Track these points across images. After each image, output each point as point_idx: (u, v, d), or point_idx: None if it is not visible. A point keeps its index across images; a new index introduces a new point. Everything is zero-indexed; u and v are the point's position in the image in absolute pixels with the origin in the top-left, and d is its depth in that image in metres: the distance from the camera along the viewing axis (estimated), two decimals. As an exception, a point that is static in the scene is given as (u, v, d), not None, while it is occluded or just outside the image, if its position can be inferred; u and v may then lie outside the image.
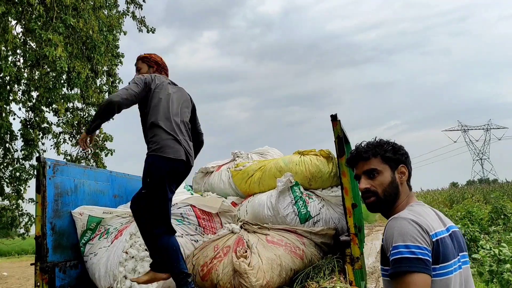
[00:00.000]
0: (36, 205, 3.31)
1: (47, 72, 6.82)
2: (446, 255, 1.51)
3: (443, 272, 1.49)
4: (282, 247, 3.17)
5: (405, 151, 1.78)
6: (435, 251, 1.49)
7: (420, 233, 1.49)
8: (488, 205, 14.03)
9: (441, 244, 1.50)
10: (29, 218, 7.68)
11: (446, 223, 1.64)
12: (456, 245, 1.59)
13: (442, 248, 1.50)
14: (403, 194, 1.71)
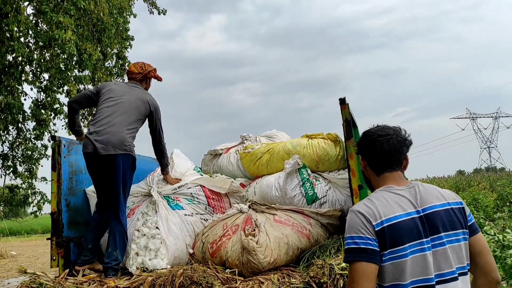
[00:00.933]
0: (51, 182, 3.42)
1: (57, 54, 6.88)
2: (397, 240, 1.55)
3: (394, 256, 1.55)
4: (289, 227, 3.26)
5: (364, 140, 1.83)
6: (381, 238, 1.55)
7: (364, 223, 1.58)
8: (494, 193, 14.04)
9: (389, 231, 1.56)
10: (42, 196, 7.83)
11: (422, 205, 1.64)
12: (427, 227, 1.60)
13: (389, 234, 1.55)
14: (374, 181, 1.80)
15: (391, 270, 1.56)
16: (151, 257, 3.22)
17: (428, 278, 1.56)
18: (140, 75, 3.78)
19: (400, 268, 1.55)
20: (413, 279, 1.56)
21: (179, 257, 3.34)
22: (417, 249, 1.57)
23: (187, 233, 3.48)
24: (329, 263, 2.53)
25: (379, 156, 1.80)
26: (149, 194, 3.67)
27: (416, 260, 1.56)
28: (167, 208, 3.53)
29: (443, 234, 1.62)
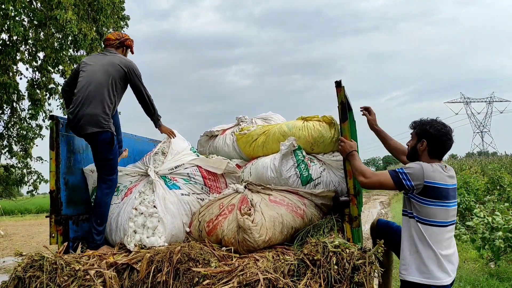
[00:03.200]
0: (50, 161, 3.46)
1: (52, 33, 6.84)
2: (437, 196, 2.72)
3: (437, 203, 2.72)
4: (284, 207, 3.33)
5: (441, 134, 2.87)
6: (424, 190, 2.70)
7: (420, 173, 2.72)
8: (485, 177, 14.24)
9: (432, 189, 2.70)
10: (38, 176, 7.87)
11: (452, 181, 2.85)
12: (454, 194, 2.84)
13: (432, 191, 2.69)
14: (424, 159, 2.90)
15: (436, 212, 2.67)
16: (148, 235, 3.29)
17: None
18: (117, 41, 3.84)
19: (441, 211, 2.67)
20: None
21: (176, 235, 3.41)
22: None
23: (184, 212, 3.55)
24: (322, 241, 2.61)
25: (444, 151, 2.91)
26: (146, 174, 3.72)
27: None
28: (164, 187, 3.59)
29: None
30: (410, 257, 2.70)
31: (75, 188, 3.65)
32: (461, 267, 6.04)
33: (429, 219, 2.68)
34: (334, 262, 2.43)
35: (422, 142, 2.87)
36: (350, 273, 2.41)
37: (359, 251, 2.51)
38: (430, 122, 2.90)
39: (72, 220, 3.50)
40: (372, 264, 2.45)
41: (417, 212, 2.71)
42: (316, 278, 2.41)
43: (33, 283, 2.66)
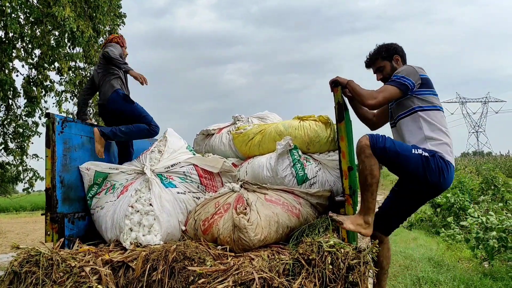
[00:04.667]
0: (46, 159, 3.46)
1: (49, 30, 6.82)
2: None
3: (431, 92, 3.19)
4: (279, 206, 3.35)
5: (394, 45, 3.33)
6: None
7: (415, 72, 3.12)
8: (480, 176, 14.32)
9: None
10: (34, 173, 7.86)
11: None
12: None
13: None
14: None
15: (433, 99, 3.09)
16: (144, 233, 3.30)
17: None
18: (107, 41, 4.61)
19: (436, 99, 3.12)
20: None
21: (172, 234, 3.42)
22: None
23: (180, 211, 3.56)
24: (317, 240, 2.62)
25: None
26: (142, 172, 3.73)
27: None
28: (160, 185, 3.60)
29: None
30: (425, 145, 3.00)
31: (71, 186, 3.65)
32: (455, 267, 6.08)
33: (429, 105, 3.07)
34: (329, 261, 2.44)
35: (395, 59, 3.31)
36: (344, 272, 2.43)
37: (354, 251, 2.52)
38: (382, 44, 3.39)
39: (68, 218, 3.51)
40: (366, 264, 2.46)
41: (421, 103, 3.08)
42: (311, 278, 2.42)
43: (29, 278, 2.67)
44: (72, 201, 3.66)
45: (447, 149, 3.00)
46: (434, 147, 2.98)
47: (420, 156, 2.91)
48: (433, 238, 8.53)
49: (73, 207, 3.66)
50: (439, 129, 3.03)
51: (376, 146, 2.91)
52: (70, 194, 3.64)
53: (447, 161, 2.95)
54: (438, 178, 2.91)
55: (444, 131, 3.04)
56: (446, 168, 2.93)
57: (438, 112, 3.10)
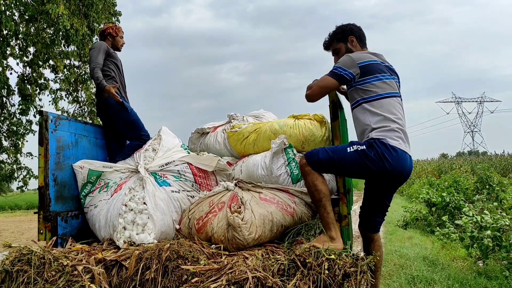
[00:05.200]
0: (39, 157, 3.43)
1: (43, 28, 6.78)
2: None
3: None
4: (274, 205, 3.33)
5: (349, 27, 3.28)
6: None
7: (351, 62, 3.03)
8: (475, 176, 14.37)
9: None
10: (28, 171, 7.81)
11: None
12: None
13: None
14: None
15: (377, 85, 2.97)
16: (138, 232, 3.28)
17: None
18: (100, 36, 4.68)
19: (380, 84, 2.99)
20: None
21: (165, 232, 3.41)
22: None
23: (174, 209, 3.54)
24: (314, 245, 2.61)
25: (365, 39, 3.33)
26: (137, 171, 3.71)
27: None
28: (154, 184, 3.58)
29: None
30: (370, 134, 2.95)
31: (64, 184, 3.63)
32: (450, 266, 6.10)
33: (372, 95, 2.98)
34: (326, 267, 2.42)
35: (350, 40, 3.25)
36: (340, 279, 2.40)
37: (352, 259, 2.49)
38: (338, 25, 3.34)
39: (61, 217, 3.48)
40: (364, 273, 2.44)
41: (364, 94, 3.00)
42: (305, 280, 2.40)
43: (21, 277, 2.64)
44: (65, 199, 3.64)
45: (392, 134, 2.89)
46: (377, 133, 2.90)
47: (356, 152, 2.87)
48: (428, 237, 8.55)
49: (66, 206, 3.63)
50: (385, 117, 2.93)
51: (311, 162, 2.93)
52: (63, 192, 3.62)
53: (390, 145, 2.84)
54: (381, 164, 2.81)
55: (392, 118, 2.93)
56: (389, 152, 2.82)
57: (384, 100, 2.97)
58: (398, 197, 18.31)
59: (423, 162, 30.36)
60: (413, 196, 15.16)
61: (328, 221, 2.87)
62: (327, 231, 2.86)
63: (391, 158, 2.81)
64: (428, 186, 13.31)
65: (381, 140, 2.86)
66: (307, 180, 2.97)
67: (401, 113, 3.01)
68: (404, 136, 2.96)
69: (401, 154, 2.86)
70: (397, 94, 3.07)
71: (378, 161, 2.81)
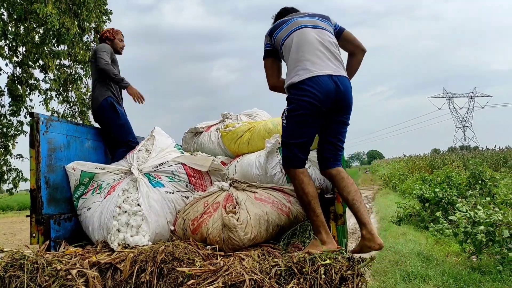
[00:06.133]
0: (30, 159, 3.38)
1: (33, 28, 6.68)
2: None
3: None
4: (269, 204, 3.32)
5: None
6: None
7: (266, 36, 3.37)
8: (467, 171, 14.46)
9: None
10: (17, 173, 7.70)
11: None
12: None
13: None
14: None
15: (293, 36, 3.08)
16: (132, 234, 3.25)
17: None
18: (98, 40, 4.75)
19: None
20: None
21: (160, 234, 3.38)
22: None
23: (168, 210, 3.51)
24: (308, 251, 2.58)
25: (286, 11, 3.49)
26: (130, 172, 3.67)
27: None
28: (148, 185, 3.54)
29: None
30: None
31: (56, 186, 3.58)
32: (444, 261, 6.13)
33: (283, 38, 3.10)
34: (322, 272, 2.39)
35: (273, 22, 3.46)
36: (337, 283, 2.38)
37: (347, 261, 2.46)
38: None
39: (54, 220, 3.43)
40: (361, 276, 2.42)
41: (278, 46, 3.17)
42: (302, 284, 2.38)
43: (13, 282, 2.59)
44: (58, 202, 3.59)
45: (294, 73, 2.94)
46: (286, 83, 3.02)
47: (287, 118, 3.00)
48: (422, 233, 8.59)
49: (59, 208, 3.59)
50: (289, 60, 3.03)
51: (286, 163, 3.07)
52: (55, 195, 3.57)
53: (293, 83, 2.91)
54: (303, 104, 2.87)
55: (294, 56, 2.98)
56: (299, 90, 2.89)
57: (287, 40, 3.08)
58: (391, 193, 18.40)
59: (415, 158, 30.51)
60: (406, 191, 15.24)
61: (318, 224, 2.84)
62: (317, 234, 2.83)
63: (305, 93, 2.84)
64: (421, 182, 13.38)
65: (288, 86, 2.97)
66: (294, 184, 2.99)
67: (307, 40, 3.01)
68: (310, 62, 2.91)
69: (312, 82, 2.85)
70: (303, 26, 3.09)
71: (299, 106, 2.86)
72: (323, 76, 2.84)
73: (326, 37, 3.03)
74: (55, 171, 3.60)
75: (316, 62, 2.89)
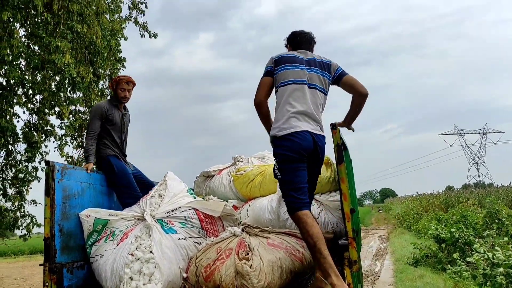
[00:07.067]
0: (45, 207, 3.42)
1: (50, 76, 6.91)
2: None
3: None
4: (282, 250, 3.29)
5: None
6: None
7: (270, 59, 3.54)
8: (483, 209, 14.18)
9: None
10: (31, 219, 7.74)
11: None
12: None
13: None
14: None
15: (287, 73, 3.34)
16: (145, 282, 3.23)
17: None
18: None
19: (292, 72, 3.34)
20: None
21: (173, 281, 3.35)
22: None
23: (181, 257, 3.49)
24: None
25: (298, 42, 3.61)
26: (143, 218, 3.69)
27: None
28: (161, 232, 3.55)
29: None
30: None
31: (70, 234, 3.60)
32: (464, 305, 5.92)
33: (282, 81, 3.33)
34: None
35: (287, 47, 3.67)
36: None
37: None
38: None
39: (67, 268, 3.43)
40: None
41: (276, 82, 3.39)
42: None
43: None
44: (71, 249, 3.60)
45: (285, 127, 3.22)
46: (272, 131, 3.30)
47: (276, 168, 3.30)
48: (439, 275, 8.35)
49: (72, 256, 3.59)
50: (281, 106, 3.31)
51: (288, 208, 3.23)
52: (69, 242, 3.58)
53: (278, 136, 3.23)
54: (284, 158, 3.20)
55: (286, 107, 3.27)
56: (276, 142, 3.26)
57: (284, 87, 3.33)
58: (406, 233, 18.03)
59: (429, 196, 30.02)
60: (421, 231, 14.92)
61: (325, 266, 2.84)
62: (327, 278, 2.82)
63: (280, 144, 3.21)
64: (436, 221, 13.12)
65: (273, 136, 3.28)
66: (299, 228, 3.08)
67: (299, 98, 3.29)
68: (300, 116, 3.24)
69: (286, 139, 3.19)
70: (302, 82, 3.33)
71: (286, 157, 3.17)
72: (304, 132, 3.19)
73: (316, 99, 3.35)
74: (69, 218, 3.63)
75: (300, 120, 3.23)
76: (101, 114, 4.41)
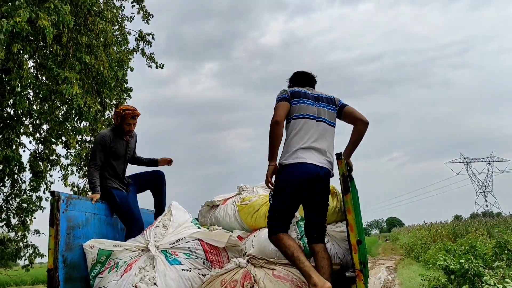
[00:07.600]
0: (49, 238, 3.40)
1: (57, 106, 7.01)
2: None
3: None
4: (288, 282, 3.23)
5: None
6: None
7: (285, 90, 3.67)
8: (492, 239, 13.94)
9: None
10: (34, 249, 7.68)
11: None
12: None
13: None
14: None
15: (299, 107, 3.48)
16: (148, 315, 3.17)
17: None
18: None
19: (303, 106, 3.50)
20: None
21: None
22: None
23: (185, 289, 3.44)
24: None
25: (302, 80, 3.83)
26: (147, 249, 3.65)
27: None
28: (165, 263, 3.51)
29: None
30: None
31: (73, 265, 3.57)
32: None
33: (296, 114, 3.48)
34: None
35: (290, 87, 3.76)
36: None
37: None
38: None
39: (70, 300, 3.38)
40: None
41: (290, 114, 3.51)
42: None
43: None
44: (74, 281, 3.56)
45: (289, 155, 3.40)
46: (281, 159, 3.46)
47: (271, 197, 3.50)
48: (449, 307, 8.13)
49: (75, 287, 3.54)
50: (290, 138, 3.47)
51: (270, 232, 3.43)
52: (72, 274, 3.55)
53: (284, 164, 3.39)
54: (281, 186, 3.38)
55: (295, 139, 3.43)
56: (281, 170, 3.41)
57: (296, 120, 3.49)
58: (414, 263, 17.70)
59: (436, 225, 29.57)
60: (429, 262, 14.64)
61: (305, 269, 3.06)
62: (309, 280, 3.01)
63: (285, 173, 3.37)
64: (444, 252, 12.88)
65: (281, 163, 3.44)
66: (278, 247, 3.34)
67: (309, 132, 3.45)
68: (308, 150, 3.39)
69: (291, 168, 3.35)
70: (313, 117, 3.50)
71: (286, 184, 3.35)
72: (309, 164, 3.33)
73: (325, 133, 3.52)
74: (73, 249, 3.60)
75: (306, 153, 3.39)
76: (104, 146, 4.37)
